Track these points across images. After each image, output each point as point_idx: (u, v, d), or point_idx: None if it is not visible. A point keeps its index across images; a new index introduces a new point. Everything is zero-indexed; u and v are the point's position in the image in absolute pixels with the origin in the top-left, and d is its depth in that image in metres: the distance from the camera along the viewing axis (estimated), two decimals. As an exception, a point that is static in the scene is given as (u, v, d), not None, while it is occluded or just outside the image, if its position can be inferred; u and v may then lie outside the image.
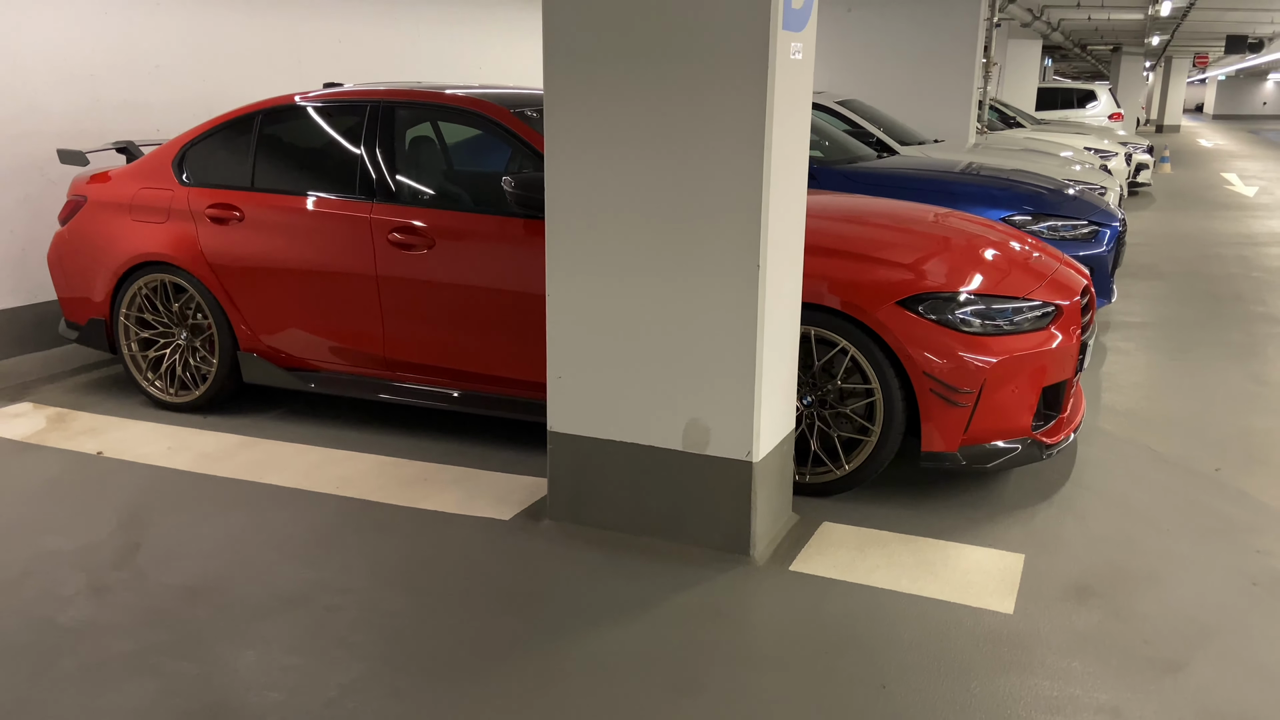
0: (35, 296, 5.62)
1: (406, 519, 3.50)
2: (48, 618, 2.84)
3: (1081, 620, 2.83)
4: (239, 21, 6.58)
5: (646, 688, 2.51)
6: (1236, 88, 56.35)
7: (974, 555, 3.22)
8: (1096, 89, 19.15)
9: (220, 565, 3.16)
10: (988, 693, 2.49)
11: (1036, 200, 5.86)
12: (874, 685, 2.53)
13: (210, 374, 4.61)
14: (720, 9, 2.80)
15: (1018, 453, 3.57)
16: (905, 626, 2.79)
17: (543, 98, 4.46)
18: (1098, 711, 2.42)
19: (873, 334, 3.48)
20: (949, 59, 9.96)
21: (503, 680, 2.54)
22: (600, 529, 3.34)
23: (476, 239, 4.00)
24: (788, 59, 2.90)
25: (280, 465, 4.00)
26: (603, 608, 2.88)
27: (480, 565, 3.15)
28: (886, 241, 3.78)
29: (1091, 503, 3.64)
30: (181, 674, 2.57)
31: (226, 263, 4.47)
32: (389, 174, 4.24)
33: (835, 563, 3.16)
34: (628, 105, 2.97)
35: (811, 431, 3.63)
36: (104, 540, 3.34)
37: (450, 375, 4.17)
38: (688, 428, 3.12)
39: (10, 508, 3.59)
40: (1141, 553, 3.25)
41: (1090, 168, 8.48)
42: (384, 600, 2.94)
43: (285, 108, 4.54)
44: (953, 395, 3.43)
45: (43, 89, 5.48)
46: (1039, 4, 14.15)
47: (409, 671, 2.58)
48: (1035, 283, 3.75)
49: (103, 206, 4.81)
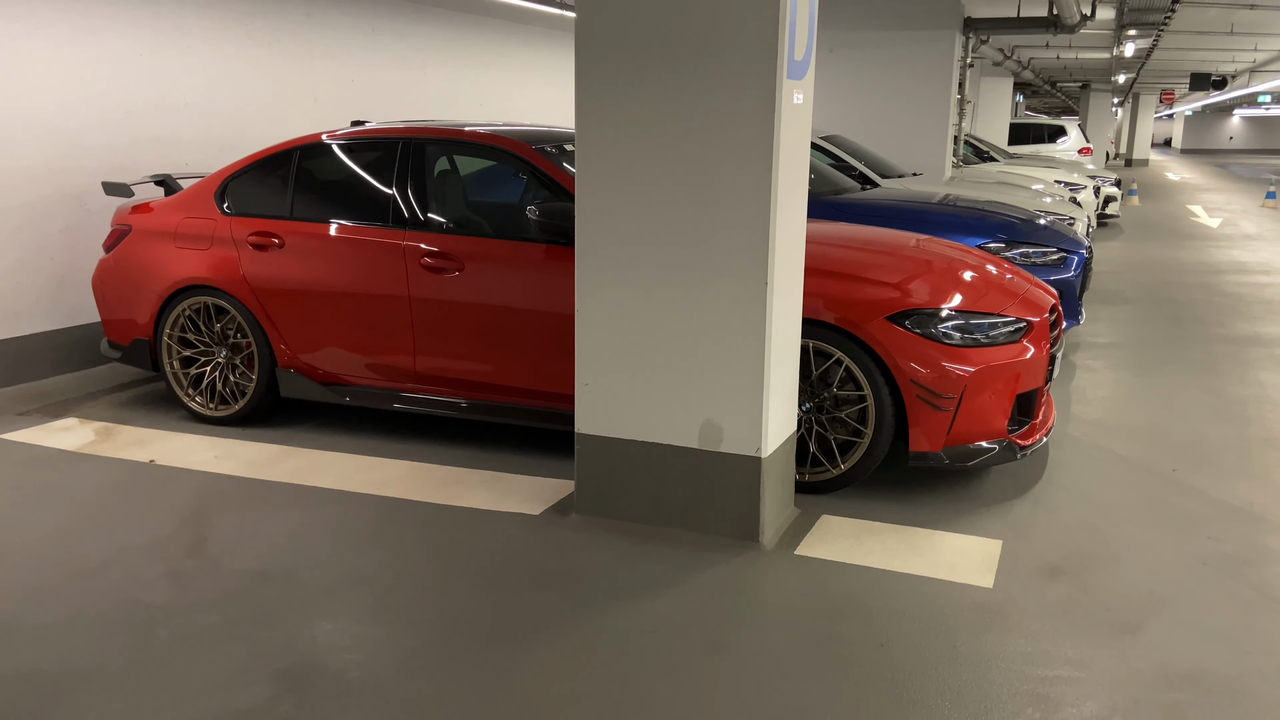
0: (74, 319, 5.96)
1: (445, 515, 3.86)
2: (135, 598, 3.18)
3: (1052, 593, 3.23)
4: (261, 63, 6.98)
5: (679, 648, 2.88)
6: (1204, 123, 57.82)
7: (957, 541, 3.62)
8: (1066, 125, 19.88)
9: (283, 554, 3.51)
10: (972, 649, 2.88)
11: (1010, 229, 6.32)
12: (873, 644, 2.91)
13: (249, 389, 4.96)
14: (734, 61, 3.22)
15: (995, 453, 3.98)
16: (898, 598, 3.18)
17: (557, 135, 4.90)
18: (1066, 663, 2.81)
19: (865, 346, 3.89)
20: (926, 97, 10.50)
21: (552, 644, 2.90)
22: (624, 521, 3.71)
23: (502, 262, 4.40)
24: (791, 104, 3.33)
25: (322, 471, 4.35)
26: (633, 585, 3.25)
27: (518, 552, 3.52)
28: (876, 264, 4.21)
29: (1061, 497, 4.05)
30: (266, 641, 2.92)
31: (266, 286, 4.83)
32: (421, 204, 4.64)
33: (835, 548, 3.54)
34: (651, 144, 3.38)
35: (810, 434, 4.03)
36: (172, 535, 3.68)
37: (476, 387, 4.55)
38: (703, 427, 3.52)
39: (79, 509, 3.93)
40: (1105, 539, 3.66)
41: (1060, 200, 8.99)
42: (435, 581, 3.30)
43: (321, 144, 4.94)
44: (937, 401, 3.84)
45: (84, 127, 5.86)
46: (1010, 44, 14.80)
47: (468, 638, 2.94)
48: (1009, 301, 4.19)
49: (147, 235, 5.18)
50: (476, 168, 5.13)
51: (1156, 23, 10.70)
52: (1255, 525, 3.80)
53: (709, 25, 3.24)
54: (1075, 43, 15.20)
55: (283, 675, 2.74)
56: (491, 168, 5.06)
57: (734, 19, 3.20)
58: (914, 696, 2.65)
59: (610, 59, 3.39)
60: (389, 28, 8.22)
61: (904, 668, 2.79)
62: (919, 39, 10.40)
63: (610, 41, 3.38)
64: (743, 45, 3.21)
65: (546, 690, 2.67)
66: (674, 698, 2.64)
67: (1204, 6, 11.42)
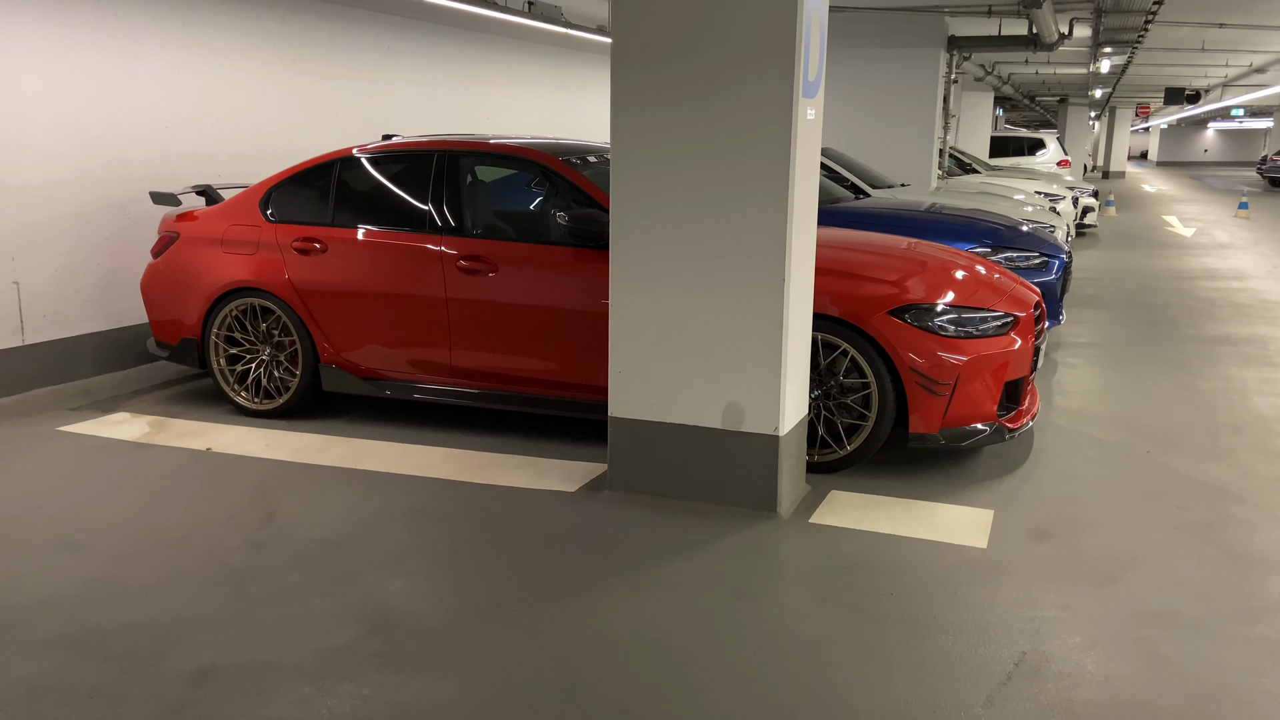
0: (118, 321, 6.31)
1: (488, 492, 4.24)
2: (222, 562, 3.55)
3: (1039, 552, 3.64)
4: (287, 80, 7.37)
5: (713, 596, 3.27)
6: (1179, 135, 58.91)
7: (954, 511, 4.03)
8: (1045, 138, 20.46)
9: (348, 525, 3.88)
10: (970, 596, 3.29)
11: (995, 235, 6.77)
12: (882, 593, 3.31)
13: (293, 384, 5.33)
14: (756, 84, 3.64)
15: (987, 435, 4.40)
16: (903, 557, 3.59)
17: (578, 147, 5.31)
18: (1053, 607, 3.22)
19: (869, 338, 4.30)
20: (912, 112, 10.98)
21: (601, 595, 3.29)
22: (654, 496, 4.10)
23: (533, 264, 4.79)
24: (805, 120, 3.75)
25: (368, 456, 4.72)
26: (667, 548, 3.64)
27: (560, 522, 3.90)
28: (877, 264, 4.63)
29: (1046, 474, 4.47)
30: (348, 594, 3.29)
31: (310, 288, 5.21)
32: (456, 211, 5.03)
33: (844, 517, 3.95)
34: (680, 156, 3.79)
35: (819, 419, 4.43)
36: (243, 510, 4.04)
37: (509, 380, 4.93)
38: (726, 409, 3.92)
39: (151, 490, 4.28)
40: (1086, 508, 4.08)
41: (1040, 209, 9.46)
42: (489, 547, 3.68)
43: (360, 156, 5.33)
44: (934, 387, 4.26)
45: (128, 140, 6.23)
46: (991, 60, 15.33)
47: (526, 591, 3.32)
48: (997, 298, 4.61)
49: (195, 241, 5.54)
50: (503, 177, 5.53)
51: (1131, 40, 11.23)
52: (1220, 497, 4.22)
53: (734, 53, 3.65)
54: (1053, 59, 15.75)
55: (368, 620, 3.11)
56: (516, 176, 5.45)
57: (756, 47, 3.62)
58: (920, 632, 3.05)
59: (642, 84, 3.80)
60: (402, 46, 8.62)
61: (910, 610, 3.19)
62: (906, 57, 10.89)
63: (641, 65, 3.79)
64: (764, 70, 3.63)
65: (602, 631, 3.06)
66: (713, 634, 3.03)
67: (1176, 25, 11.97)
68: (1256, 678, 2.81)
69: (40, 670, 2.80)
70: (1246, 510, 4.07)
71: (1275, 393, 5.91)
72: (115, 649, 2.92)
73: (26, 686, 2.72)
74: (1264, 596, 3.31)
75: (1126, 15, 9.09)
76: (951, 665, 2.87)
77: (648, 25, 3.76)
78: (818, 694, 2.72)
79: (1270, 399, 5.77)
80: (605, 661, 2.88)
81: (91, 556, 3.57)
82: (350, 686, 2.74)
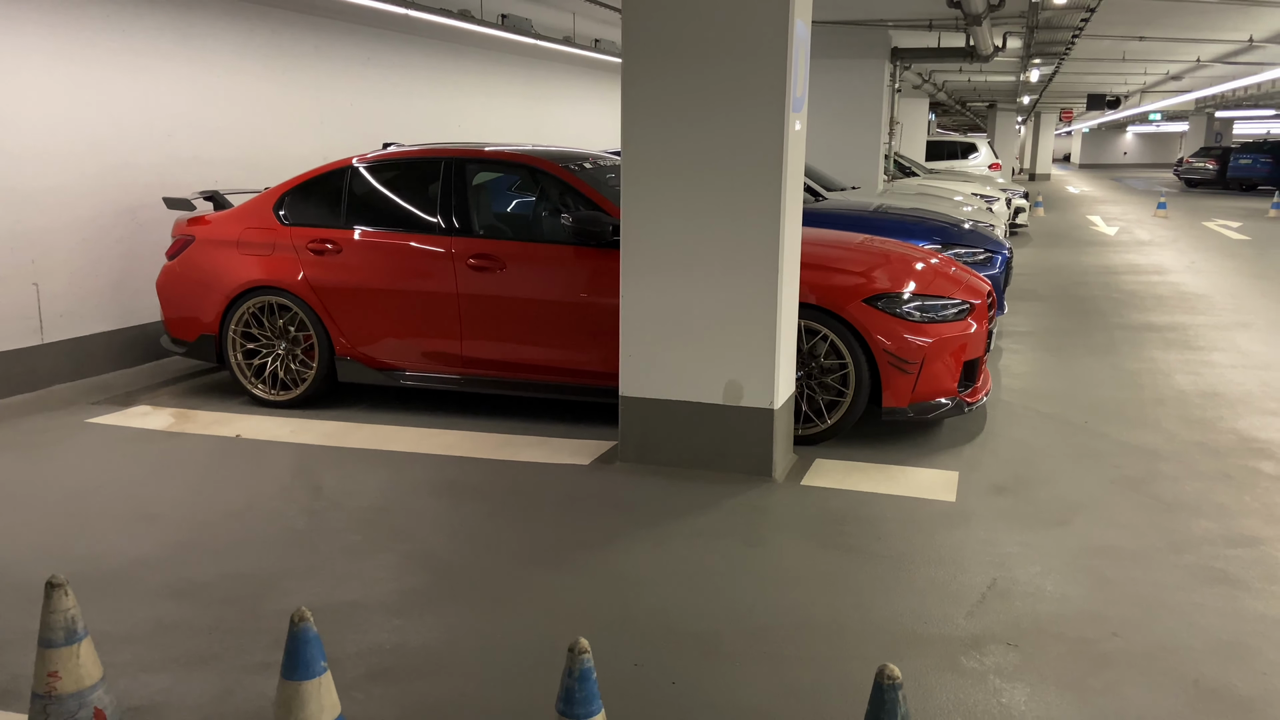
0: (128, 320, 6.62)
1: (509, 467, 4.71)
2: (287, 526, 3.97)
3: (1000, 503, 4.23)
4: (276, 91, 7.72)
5: (725, 543, 3.79)
6: (1100, 139, 61.24)
7: (924, 474, 4.61)
8: (977, 142, 21.43)
9: (390, 495, 4.32)
10: (945, 538, 3.85)
11: (944, 232, 7.41)
12: (871, 537, 3.86)
13: (309, 376, 5.72)
14: (753, 98, 4.17)
15: (949, 408, 4.99)
16: (885, 509, 4.15)
17: (575, 154, 5.79)
18: (1015, 545, 3.80)
19: (846, 323, 4.86)
20: (860, 119, 11.65)
21: (630, 545, 3.78)
22: (662, 465, 4.61)
23: (539, 262, 5.27)
24: (793, 131, 4.30)
25: (391, 439, 5.15)
26: (679, 507, 4.15)
27: (581, 488, 4.39)
28: (851, 258, 5.20)
29: (1000, 442, 5.08)
30: (409, 549, 3.73)
31: (326, 287, 5.60)
32: (464, 213, 5.48)
33: (830, 480, 4.50)
34: (683, 158, 4.30)
35: (802, 396, 4.98)
36: (290, 486, 4.45)
37: (517, 368, 5.39)
38: (727, 386, 4.44)
39: (198, 471, 4.66)
40: (1037, 468, 4.69)
41: (979, 209, 10.18)
42: (522, 509, 4.15)
43: (371, 163, 5.75)
44: (904, 366, 4.83)
45: (135, 148, 6.55)
46: (928, 69, 16.15)
47: (563, 543, 3.80)
48: (955, 287, 5.21)
49: (210, 244, 5.90)
50: (509, 182, 5.99)
51: (1059, 52, 12.05)
52: (1149, 457, 4.87)
53: (732, 74, 4.18)
54: (986, 68, 16.63)
55: (432, 568, 3.56)
56: (515, 181, 5.91)
57: (752, 68, 4.15)
58: (906, 565, 3.61)
59: (650, 100, 4.31)
60: (381, 59, 9.00)
61: (896, 549, 3.75)
62: (853, 67, 11.56)
63: (649, 84, 4.30)
64: (759, 88, 4.16)
65: (637, 572, 3.55)
66: (732, 571, 3.54)
67: (1100, 38, 12.85)
68: (1185, 593, 3.41)
69: (158, 613, 3.21)
70: (1171, 468, 4.71)
71: (1193, 372, 6.63)
72: (217, 595, 3.34)
73: (151, 625, 3.13)
74: (1188, 534, 3.93)
75: (1056, 30, 9.85)
76: (936, 589, 3.42)
77: (654, 47, 4.27)
78: (829, 611, 3.25)
79: (1189, 377, 6.48)
80: (644, 594, 3.38)
81: (167, 525, 3.96)
82: (433, 618, 3.20)
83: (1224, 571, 3.57)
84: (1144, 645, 3.05)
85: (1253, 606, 3.30)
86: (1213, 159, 31.50)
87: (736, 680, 2.85)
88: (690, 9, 4.19)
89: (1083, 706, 2.72)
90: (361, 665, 2.92)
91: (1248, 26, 12.03)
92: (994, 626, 3.16)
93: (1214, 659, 2.97)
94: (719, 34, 4.17)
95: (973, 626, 3.17)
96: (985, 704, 2.73)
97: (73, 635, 2.17)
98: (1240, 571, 3.57)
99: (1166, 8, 10.39)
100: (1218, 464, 4.75)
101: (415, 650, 3.01)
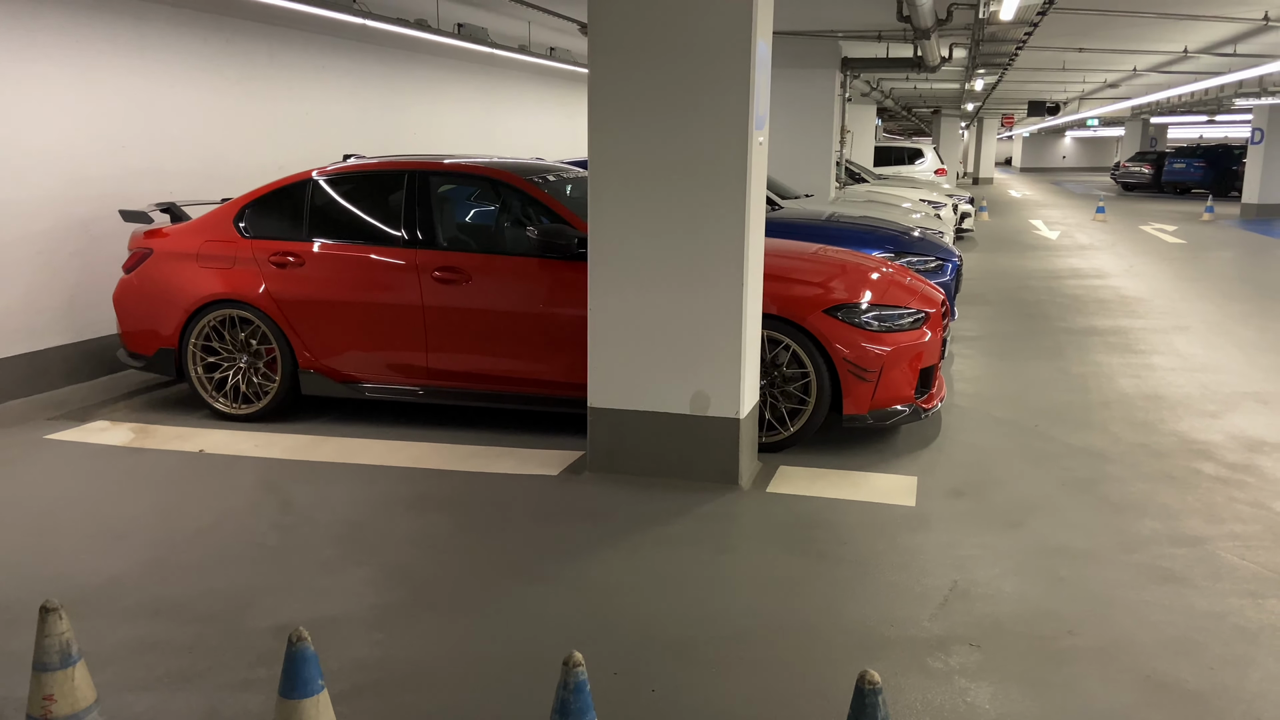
0: (82, 334, 6.54)
1: (479, 478, 4.75)
2: (260, 543, 3.98)
3: (957, 507, 4.38)
4: (230, 99, 7.67)
5: (698, 550, 3.88)
6: (1040, 143, 62.59)
7: (885, 479, 4.74)
8: (924, 147, 21.87)
9: (361, 510, 4.34)
10: (908, 541, 3.99)
11: (897, 241, 7.60)
12: (836, 541, 3.98)
13: (272, 390, 5.71)
14: (718, 119, 4.28)
15: (907, 414, 5.14)
16: (849, 514, 4.27)
17: (538, 167, 5.86)
18: (974, 546, 3.94)
19: (807, 333, 4.98)
20: (812, 127, 11.86)
21: (605, 554, 3.86)
22: (630, 475, 4.69)
23: (504, 274, 5.32)
24: (756, 145, 4.41)
25: (357, 452, 5.16)
26: (650, 516, 4.24)
27: (552, 499, 4.45)
28: (809, 269, 5.33)
29: (956, 446, 5.25)
30: (382, 564, 3.77)
31: (290, 299, 5.60)
32: (428, 225, 5.51)
33: (795, 486, 4.61)
34: (650, 173, 4.40)
35: (766, 405, 5.09)
36: (259, 501, 4.45)
37: (484, 380, 5.44)
38: (694, 397, 4.54)
39: (165, 487, 4.64)
40: (991, 472, 4.85)
41: (928, 216, 10.42)
42: (494, 521, 4.20)
43: (332, 175, 5.75)
44: (863, 374, 4.97)
45: (87, 160, 6.48)
46: (876, 77, 16.45)
47: (537, 552, 3.86)
48: (910, 296, 5.37)
49: (169, 257, 5.86)
50: (473, 194, 6.02)
51: (1003, 63, 12.38)
52: (1097, 459, 5.06)
53: (698, 92, 4.28)
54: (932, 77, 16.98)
55: (408, 582, 3.61)
56: (484, 194, 5.96)
57: (718, 87, 4.26)
58: (872, 569, 3.73)
59: (616, 114, 4.39)
60: (335, 65, 8.97)
61: (861, 553, 3.87)
62: (805, 76, 11.75)
63: (615, 98, 4.39)
64: (724, 105, 4.27)
65: (612, 580, 3.63)
66: (705, 578, 3.64)
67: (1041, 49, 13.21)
68: (1135, 591, 3.58)
69: (138, 632, 3.22)
70: (1118, 469, 4.91)
71: (1136, 375, 6.88)
72: (196, 613, 3.35)
73: (131, 645, 3.13)
74: (1136, 534, 4.11)
75: (1000, 43, 10.13)
76: (900, 592, 3.55)
77: (621, 66, 4.35)
78: (800, 616, 3.36)
79: (1132, 380, 6.72)
80: (620, 602, 3.46)
81: (137, 543, 3.95)
82: (413, 632, 3.24)
83: (1170, 570, 3.75)
84: (1098, 642, 3.20)
85: (1198, 603, 3.48)
86: (1148, 163, 32.43)
87: (714, 686, 2.95)
88: (657, 30, 4.28)
89: (1043, 703, 2.86)
90: (345, 681, 2.96)
91: (1182, 39, 12.47)
92: (957, 627, 3.29)
93: (1164, 655, 3.12)
94: (683, 54, 4.27)
95: (937, 628, 3.29)
96: (952, 703, 2.85)
97: (67, 659, 2.20)
98: (1185, 570, 3.75)
99: (1105, 21, 10.74)
100: (1161, 465, 4.96)
101: (398, 664, 3.06)
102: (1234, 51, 13.33)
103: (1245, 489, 4.62)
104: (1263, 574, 3.71)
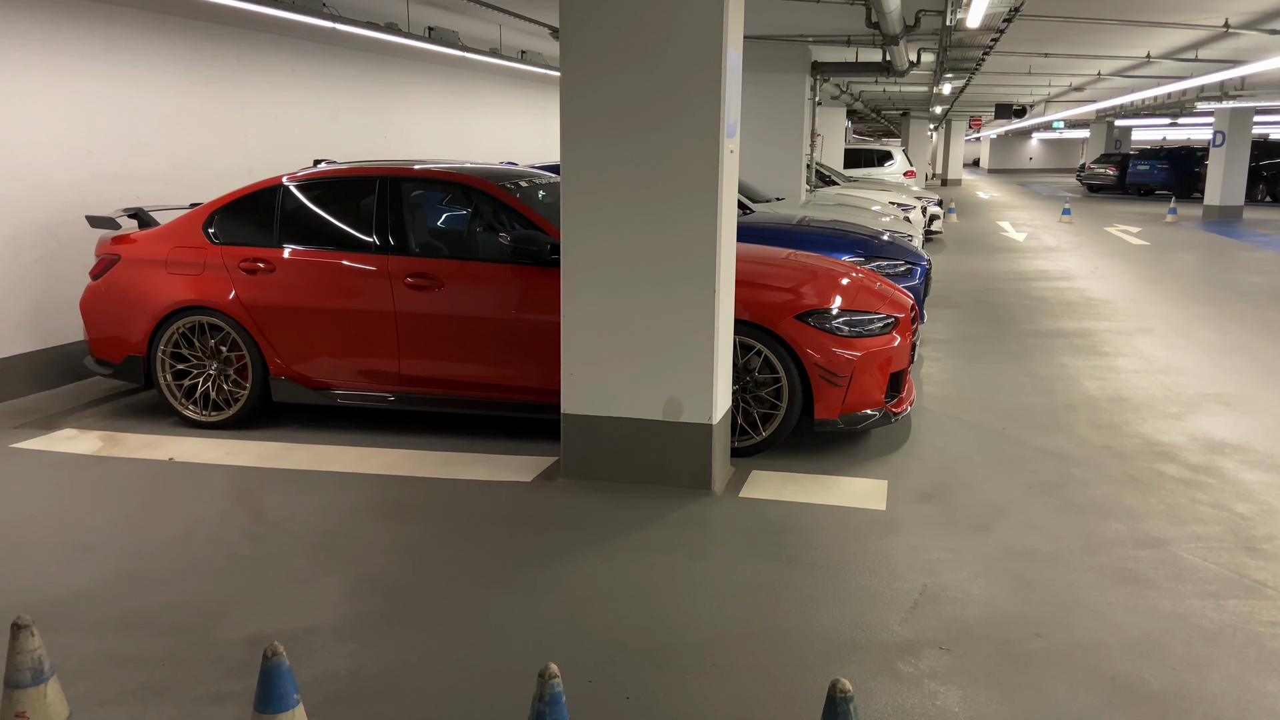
0: (48, 341, 6.46)
1: (452, 485, 4.75)
2: (231, 553, 3.96)
3: (926, 510, 4.43)
4: (198, 103, 7.61)
5: (672, 556, 3.91)
6: (1007, 145, 63.27)
7: (856, 483, 4.79)
8: (893, 150, 22.05)
9: (334, 518, 4.33)
10: (877, 545, 4.03)
11: (867, 245, 7.67)
12: (808, 546, 4.02)
13: (243, 397, 5.67)
14: (690, 127, 4.31)
15: (877, 418, 5.19)
16: (820, 519, 4.32)
17: (510, 172, 5.86)
18: (942, 550, 4.00)
19: (779, 339, 5.03)
20: (783, 131, 11.93)
21: (580, 561, 3.87)
22: (604, 481, 4.71)
23: (477, 280, 5.32)
24: (727, 154, 4.44)
25: (330, 459, 5.14)
26: (624, 522, 4.26)
27: (526, 506, 4.46)
28: (779, 275, 5.37)
29: (925, 450, 5.31)
30: (355, 573, 3.76)
31: (260, 306, 5.57)
32: (401, 231, 5.50)
33: (767, 491, 4.65)
34: (622, 180, 4.42)
35: (738, 410, 5.13)
36: (230, 510, 4.43)
37: (456, 386, 5.43)
38: (667, 403, 4.56)
39: (135, 497, 4.61)
40: (959, 475, 4.92)
41: (897, 219, 10.52)
42: (468, 528, 4.21)
43: (304, 181, 5.72)
44: (834, 379, 5.02)
45: (53, 165, 6.40)
46: (845, 81, 16.56)
47: (514, 561, 3.87)
48: (880, 301, 5.43)
49: (137, 263, 5.81)
50: (445, 200, 6.02)
51: (970, 68, 12.51)
52: (1062, 462, 5.14)
53: (670, 101, 4.31)
54: (901, 81, 17.13)
55: (382, 591, 3.60)
56: (456, 200, 5.95)
57: (689, 96, 4.29)
58: (843, 574, 3.77)
59: (590, 121, 4.41)
60: (305, 68, 8.92)
61: (832, 558, 3.92)
62: (775, 80, 11.82)
63: (589, 104, 4.40)
64: (695, 114, 4.30)
65: (585, 588, 3.65)
66: (678, 584, 3.66)
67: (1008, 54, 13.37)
68: (1099, 593, 3.64)
69: (107, 645, 3.19)
70: (1083, 472, 4.99)
71: (1100, 377, 6.99)
72: (166, 625, 3.33)
73: (102, 659, 3.11)
74: (1100, 536, 4.18)
75: (968, 49, 10.25)
76: (871, 597, 3.59)
77: (593, 74, 4.37)
78: (773, 621, 3.39)
79: (1097, 382, 6.83)
80: (593, 610, 3.48)
81: (106, 554, 3.92)
82: (388, 642, 3.24)
83: (1134, 572, 3.82)
84: (1064, 644, 3.26)
85: (1161, 605, 3.55)
86: (1113, 165, 32.87)
87: (689, 693, 2.97)
88: (628, 38, 4.31)
89: (1011, 705, 2.91)
90: (319, 692, 2.95)
91: (1145, 44, 12.66)
92: (927, 631, 3.34)
93: (1128, 656, 3.19)
94: (655, 62, 4.30)
95: (907, 632, 3.34)
96: (922, 707, 2.90)
97: (39, 675, 2.19)
98: (1149, 572, 3.82)
99: (1069, 27, 10.89)
100: (1125, 467, 5.05)
101: (372, 674, 3.06)
102: (1196, 57, 13.56)
103: (1207, 490, 4.71)
104: (1223, 575, 3.79)
